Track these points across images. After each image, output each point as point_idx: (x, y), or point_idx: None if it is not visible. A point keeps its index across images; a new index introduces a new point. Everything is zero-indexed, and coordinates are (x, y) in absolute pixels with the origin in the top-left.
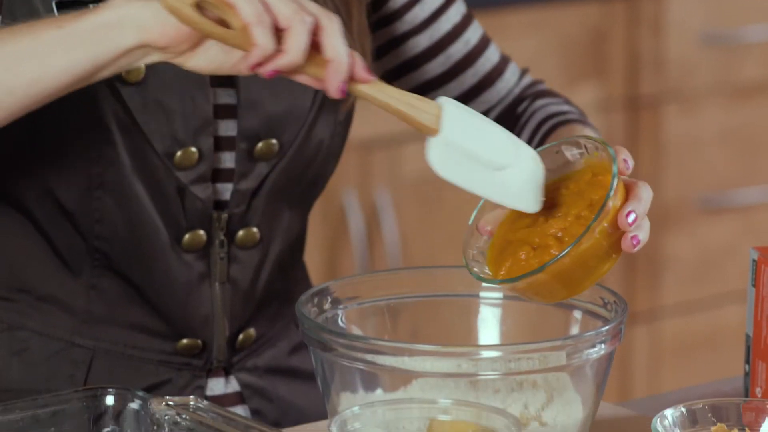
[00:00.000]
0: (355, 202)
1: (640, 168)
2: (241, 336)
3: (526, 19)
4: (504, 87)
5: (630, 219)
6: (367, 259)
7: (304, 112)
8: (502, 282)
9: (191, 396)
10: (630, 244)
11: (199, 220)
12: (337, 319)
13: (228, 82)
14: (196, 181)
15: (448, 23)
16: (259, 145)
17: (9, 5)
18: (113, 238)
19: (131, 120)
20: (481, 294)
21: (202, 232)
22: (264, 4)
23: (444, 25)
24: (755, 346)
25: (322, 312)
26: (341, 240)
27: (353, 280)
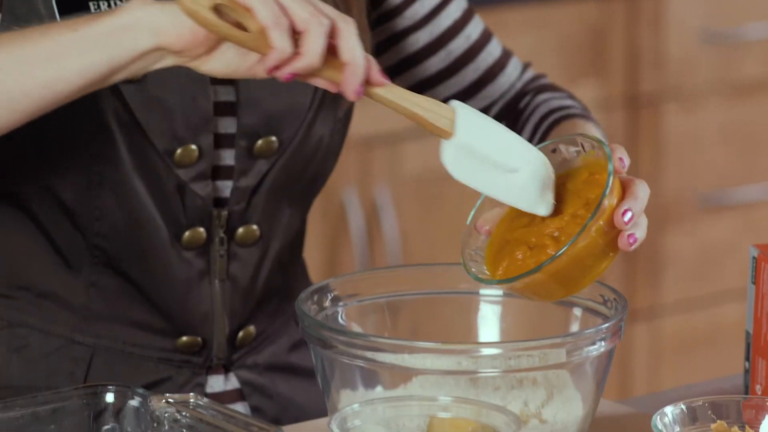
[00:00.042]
0: (355, 199)
1: (640, 166)
2: (241, 333)
3: (525, 17)
4: (506, 82)
5: (626, 218)
6: (367, 256)
7: (303, 109)
8: (499, 283)
9: (191, 393)
10: (627, 243)
11: (199, 217)
12: (337, 317)
13: (228, 80)
14: (196, 179)
15: (449, 19)
16: (259, 142)
17: (9, 4)
18: (113, 236)
19: (131, 118)
20: (481, 291)
21: (201, 230)
22: (281, 6)
23: (444, 20)
24: (755, 343)
25: (322, 309)
26: (341, 237)
27: (353, 278)
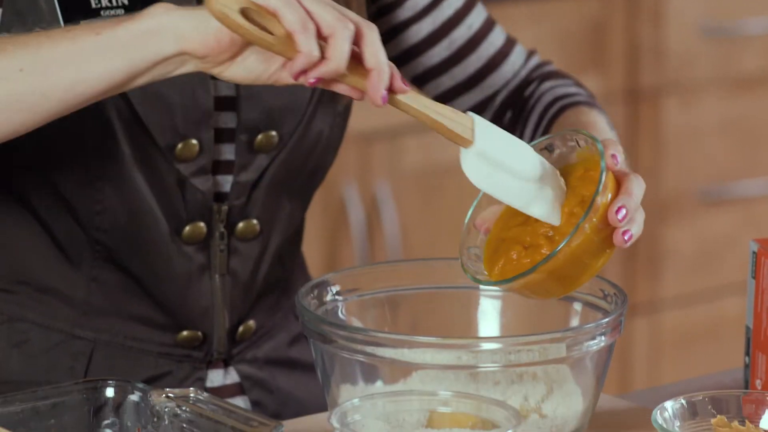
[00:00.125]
0: (355, 194)
1: (640, 160)
2: (241, 328)
3: (525, 11)
4: (509, 70)
5: (620, 215)
6: (367, 251)
7: (303, 104)
8: (495, 284)
9: (191, 388)
10: (621, 240)
11: (200, 212)
12: (337, 311)
13: None
14: (196, 173)
15: (450, 8)
16: (259, 137)
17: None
18: (114, 230)
19: (132, 112)
20: (481, 286)
21: (202, 224)
22: (307, 11)
23: (446, 10)
24: (755, 337)
25: (322, 304)
26: (341, 232)
27: (353, 272)
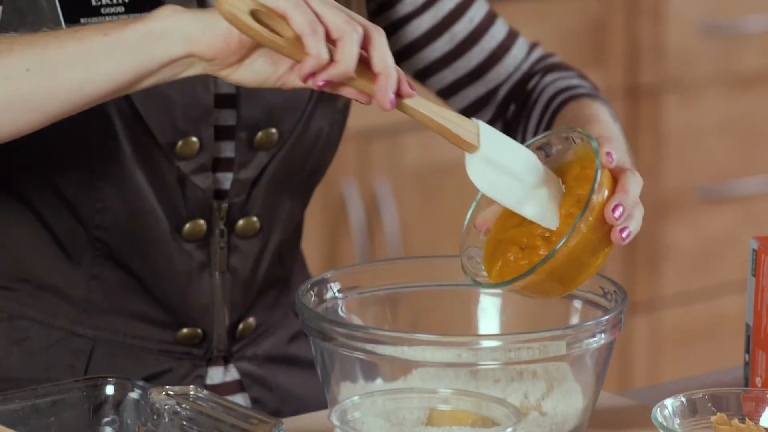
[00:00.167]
0: (355, 191)
1: (640, 158)
2: (240, 325)
3: (526, 9)
4: (511, 63)
5: (617, 213)
6: (367, 248)
7: (303, 101)
8: (494, 286)
9: (191, 386)
10: (619, 237)
11: (200, 209)
12: (337, 309)
13: None
14: (196, 171)
15: (451, 2)
16: (259, 134)
17: None
18: (114, 228)
19: (133, 110)
20: None
21: (202, 222)
22: (316, 13)
23: (446, 4)
24: (755, 335)
25: (322, 302)
26: (341, 229)
27: (353, 270)
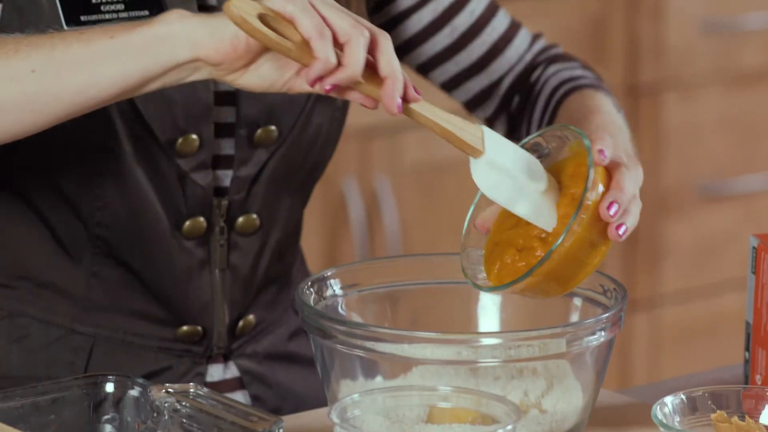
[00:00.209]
0: (355, 189)
1: (640, 155)
2: (240, 322)
3: (525, 7)
4: (514, 54)
5: (612, 210)
6: (367, 246)
7: (302, 98)
8: (492, 290)
9: (191, 383)
10: (616, 234)
11: (200, 207)
12: (336, 307)
13: None
14: (196, 168)
15: None
16: (259, 131)
17: None
18: (114, 226)
19: (133, 108)
20: None
21: (202, 219)
22: (323, 17)
23: None
24: (755, 333)
25: (321, 299)
26: (341, 227)
27: (353, 268)
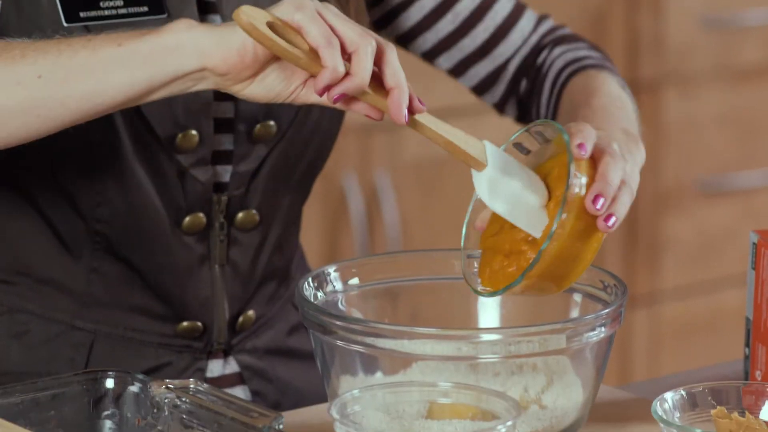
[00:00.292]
0: (355, 185)
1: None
2: (240, 318)
3: (526, 2)
4: (519, 37)
5: (598, 204)
6: (367, 242)
7: None
8: (491, 295)
9: (191, 379)
10: (605, 226)
11: (199, 202)
12: (337, 302)
13: None
14: (196, 164)
15: None
16: (258, 127)
17: None
18: (114, 222)
19: None
20: None
21: (202, 215)
22: (330, 27)
23: None
24: (755, 329)
25: (322, 295)
26: (341, 223)
27: (353, 263)
